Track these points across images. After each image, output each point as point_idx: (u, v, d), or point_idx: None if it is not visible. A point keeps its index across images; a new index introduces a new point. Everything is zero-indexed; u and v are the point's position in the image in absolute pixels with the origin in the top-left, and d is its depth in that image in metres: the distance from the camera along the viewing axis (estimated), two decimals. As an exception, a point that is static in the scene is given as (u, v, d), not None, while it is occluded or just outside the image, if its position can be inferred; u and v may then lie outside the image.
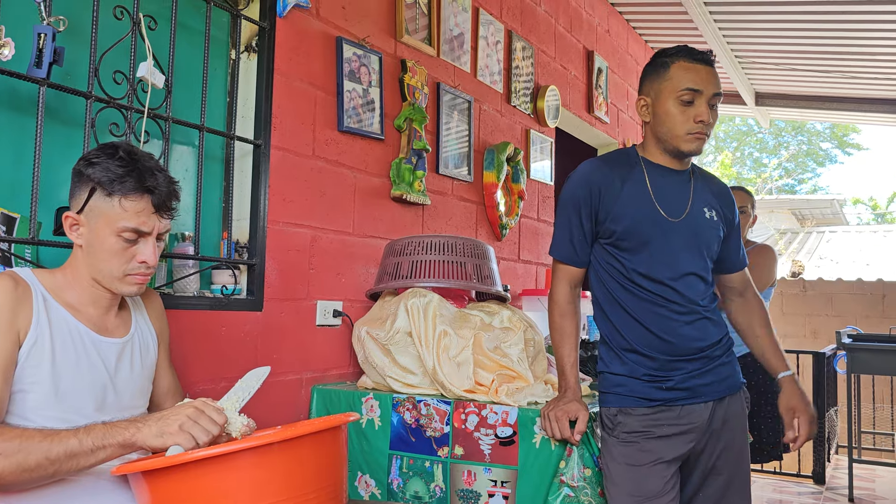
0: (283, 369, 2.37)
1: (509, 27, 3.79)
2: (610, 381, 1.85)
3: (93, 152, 1.41)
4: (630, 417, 1.79)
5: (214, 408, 1.32)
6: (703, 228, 1.82)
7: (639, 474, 1.76)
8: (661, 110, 1.78)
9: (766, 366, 1.95)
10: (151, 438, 1.26)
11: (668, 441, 1.77)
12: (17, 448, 1.20)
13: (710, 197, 1.87)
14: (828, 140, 20.18)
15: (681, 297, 1.78)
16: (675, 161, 1.84)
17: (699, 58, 1.77)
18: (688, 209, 1.80)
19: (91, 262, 1.41)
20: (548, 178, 4.24)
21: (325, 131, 2.56)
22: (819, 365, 4.93)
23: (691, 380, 1.78)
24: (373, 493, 2.26)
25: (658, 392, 1.78)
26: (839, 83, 6.02)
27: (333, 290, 2.59)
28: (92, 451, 1.24)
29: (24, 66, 1.68)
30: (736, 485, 1.86)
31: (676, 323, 1.78)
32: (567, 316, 1.93)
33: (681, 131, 1.76)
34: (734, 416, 1.86)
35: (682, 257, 1.79)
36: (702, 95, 1.74)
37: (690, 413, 1.78)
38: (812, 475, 4.88)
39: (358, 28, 2.73)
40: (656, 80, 1.80)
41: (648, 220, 1.78)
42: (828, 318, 7.01)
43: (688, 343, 1.78)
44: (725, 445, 1.84)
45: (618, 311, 1.83)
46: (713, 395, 1.81)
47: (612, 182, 1.81)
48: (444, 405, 2.16)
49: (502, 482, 2.06)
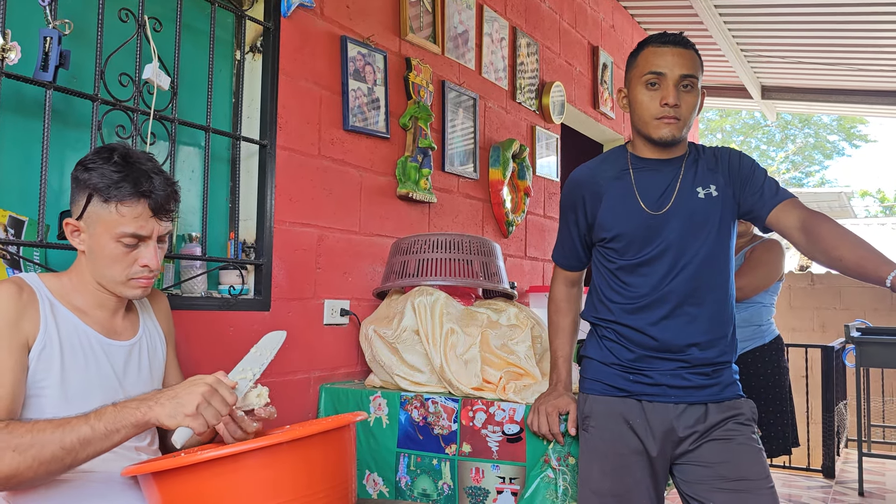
0: (292, 368, 2.37)
1: (514, 24, 3.78)
2: (584, 366, 1.85)
3: (89, 157, 1.40)
4: (597, 404, 1.77)
5: (227, 386, 1.30)
6: (695, 213, 1.72)
7: (601, 470, 1.74)
8: (632, 98, 1.75)
9: (869, 280, 1.56)
10: (165, 418, 1.24)
11: (633, 437, 1.71)
12: (30, 442, 1.19)
13: (706, 172, 1.76)
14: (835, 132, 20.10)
15: (670, 294, 1.71)
16: (660, 151, 1.77)
17: (667, 40, 1.72)
18: (673, 198, 1.72)
19: (94, 267, 1.40)
20: (554, 175, 4.24)
21: (331, 130, 2.57)
22: (828, 359, 4.91)
23: (665, 378, 1.71)
24: (381, 492, 2.27)
25: (626, 383, 1.74)
26: (846, 76, 5.99)
27: (340, 289, 2.59)
28: (106, 436, 1.23)
29: (31, 70, 1.69)
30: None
31: (663, 320, 1.72)
32: (562, 312, 1.95)
33: (649, 117, 1.71)
34: (723, 428, 1.70)
35: (673, 250, 1.71)
36: (666, 78, 1.68)
37: (659, 411, 1.71)
38: (822, 469, 4.86)
39: (362, 27, 2.74)
40: (629, 70, 1.79)
41: (633, 218, 1.73)
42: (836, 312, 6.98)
43: (671, 341, 1.71)
44: (720, 458, 1.68)
45: (603, 305, 1.81)
46: (687, 398, 1.70)
47: (596, 187, 1.79)
48: (451, 403, 2.17)
49: (511, 479, 2.06)
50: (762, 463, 1.68)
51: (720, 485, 1.66)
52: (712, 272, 1.74)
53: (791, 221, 1.68)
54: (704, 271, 1.72)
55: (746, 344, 2.81)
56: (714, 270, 1.74)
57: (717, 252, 1.74)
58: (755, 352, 2.81)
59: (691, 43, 1.75)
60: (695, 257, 1.72)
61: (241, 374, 1.43)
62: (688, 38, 1.75)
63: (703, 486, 1.68)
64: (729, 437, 1.69)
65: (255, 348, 1.52)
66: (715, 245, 1.73)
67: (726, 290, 1.77)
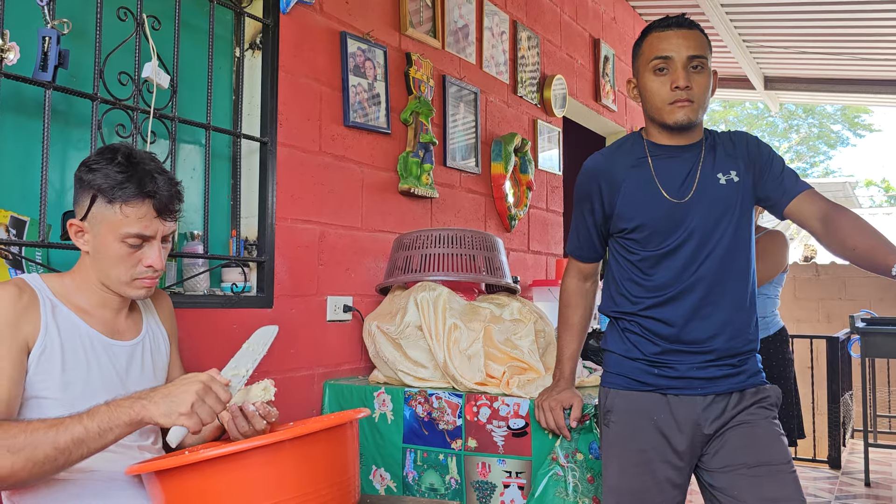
0: (295, 365, 2.37)
1: (514, 17, 3.77)
2: (607, 361, 1.80)
3: (93, 157, 1.40)
4: (619, 399, 1.72)
5: (221, 384, 1.29)
6: (717, 200, 1.69)
7: (619, 466, 1.70)
8: (642, 87, 1.72)
9: (877, 270, 1.58)
10: (159, 417, 1.23)
11: (655, 433, 1.68)
12: (23, 443, 1.17)
13: (725, 158, 1.72)
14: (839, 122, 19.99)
15: (695, 285, 1.68)
16: (677, 137, 1.73)
17: (670, 23, 1.68)
18: (695, 185, 1.69)
19: (98, 268, 1.40)
20: (556, 168, 4.22)
21: (332, 127, 2.56)
22: (833, 349, 4.90)
23: (692, 371, 1.68)
24: (388, 487, 2.27)
25: (651, 378, 1.70)
26: (849, 65, 5.96)
27: (343, 285, 2.59)
28: (99, 435, 1.22)
29: (30, 70, 1.69)
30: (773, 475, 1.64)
31: (688, 310, 1.68)
32: (572, 307, 1.90)
33: (661, 103, 1.67)
34: (746, 412, 1.69)
35: (697, 239, 1.67)
36: (674, 60, 1.65)
37: (686, 404, 1.67)
38: (828, 460, 4.85)
39: (362, 22, 2.73)
40: (635, 59, 1.75)
41: (655, 208, 1.69)
42: (841, 302, 6.96)
43: (696, 332, 1.68)
44: (741, 443, 1.66)
45: (624, 298, 1.76)
46: (714, 388, 1.68)
47: (613, 175, 1.74)
48: (455, 398, 2.17)
49: (517, 473, 2.06)
50: (783, 447, 1.66)
51: (741, 471, 1.63)
52: (736, 260, 1.70)
53: (812, 211, 1.67)
54: (728, 259, 1.69)
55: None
56: (737, 258, 1.71)
57: (740, 239, 1.71)
58: (760, 343, 2.80)
59: (696, 23, 1.70)
60: (718, 245, 1.68)
61: (233, 371, 1.42)
62: (691, 19, 1.71)
63: (724, 474, 1.65)
64: (750, 422, 1.66)
65: (247, 344, 1.51)
66: (738, 232, 1.70)
67: (749, 278, 1.73)
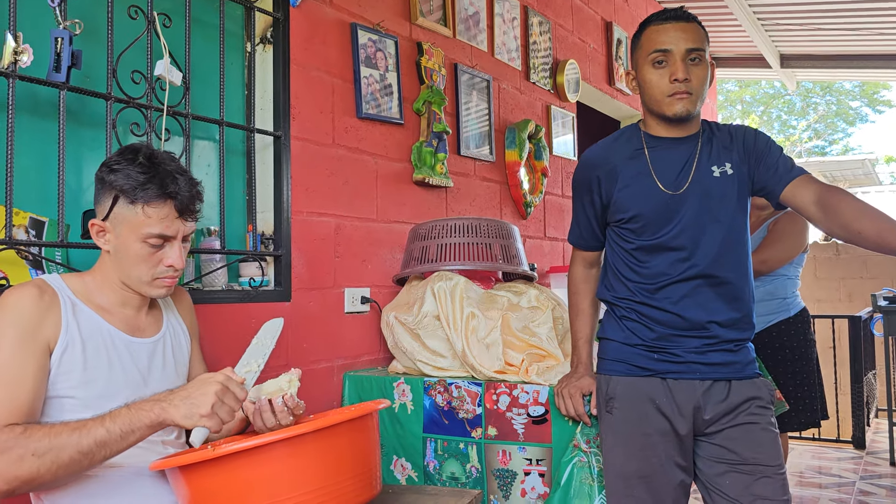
0: (315, 357, 2.39)
1: (525, 3, 3.74)
2: (604, 348, 1.82)
3: (114, 157, 1.41)
4: (621, 386, 1.75)
5: (237, 382, 1.32)
6: (711, 192, 1.71)
7: (626, 452, 1.73)
8: (641, 80, 1.74)
9: (890, 252, 1.55)
10: (181, 419, 1.26)
11: (658, 416, 1.70)
12: (47, 446, 1.20)
13: (721, 150, 1.74)
14: (857, 98, 19.72)
15: (689, 274, 1.70)
16: (675, 129, 1.75)
17: (668, 16, 1.70)
18: (691, 177, 1.71)
19: (119, 267, 1.41)
20: (571, 154, 4.20)
21: (345, 119, 2.56)
22: (855, 328, 4.85)
23: (691, 355, 1.70)
24: (410, 476, 2.28)
25: (650, 362, 1.72)
26: (867, 40, 5.86)
27: (360, 276, 2.60)
28: (122, 437, 1.25)
29: (44, 72, 1.70)
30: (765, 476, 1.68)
31: (684, 298, 1.71)
32: (581, 294, 1.94)
33: (660, 95, 1.69)
34: (747, 412, 1.70)
35: (692, 229, 1.70)
36: (672, 53, 1.67)
37: (685, 388, 1.69)
38: (852, 440, 4.82)
39: (372, 13, 2.72)
40: (634, 52, 1.77)
41: (650, 199, 1.72)
42: (862, 281, 6.89)
43: (693, 319, 1.70)
44: (736, 434, 1.69)
45: (621, 284, 1.79)
46: (713, 374, 1.70)
47: (611, 167, 1.77)
48: (475, 387, 2.17)
49: (538, 460, 2.06)
50: (778, 449, 1.70)
51: (735, 467, 1.67)
52: (731, 250, 1.73)
53: (807, 196, 1.66)
54: (723, 250, 1.71)
55: (772, 317, 2.77)
56: (732, 248, 1.73)
57: (735, 230, 1.73)
58: (781, 325, 2.77)
59: (693, 16, 1.72)
60: (713, 236, 1.71)
61: (245, 368, 1.44)
62: (689, 12, 1.73)
63: (718, 466, 1.69)
64: (752, 422, 1.69)
65: (256, 339, 1.53)
66: (732, 223, 1.73)
67: (745, 268, 1.76)
